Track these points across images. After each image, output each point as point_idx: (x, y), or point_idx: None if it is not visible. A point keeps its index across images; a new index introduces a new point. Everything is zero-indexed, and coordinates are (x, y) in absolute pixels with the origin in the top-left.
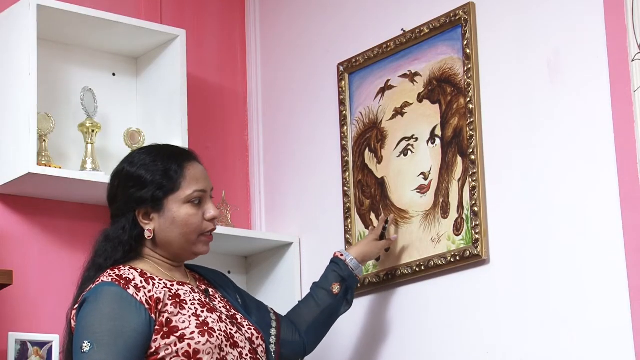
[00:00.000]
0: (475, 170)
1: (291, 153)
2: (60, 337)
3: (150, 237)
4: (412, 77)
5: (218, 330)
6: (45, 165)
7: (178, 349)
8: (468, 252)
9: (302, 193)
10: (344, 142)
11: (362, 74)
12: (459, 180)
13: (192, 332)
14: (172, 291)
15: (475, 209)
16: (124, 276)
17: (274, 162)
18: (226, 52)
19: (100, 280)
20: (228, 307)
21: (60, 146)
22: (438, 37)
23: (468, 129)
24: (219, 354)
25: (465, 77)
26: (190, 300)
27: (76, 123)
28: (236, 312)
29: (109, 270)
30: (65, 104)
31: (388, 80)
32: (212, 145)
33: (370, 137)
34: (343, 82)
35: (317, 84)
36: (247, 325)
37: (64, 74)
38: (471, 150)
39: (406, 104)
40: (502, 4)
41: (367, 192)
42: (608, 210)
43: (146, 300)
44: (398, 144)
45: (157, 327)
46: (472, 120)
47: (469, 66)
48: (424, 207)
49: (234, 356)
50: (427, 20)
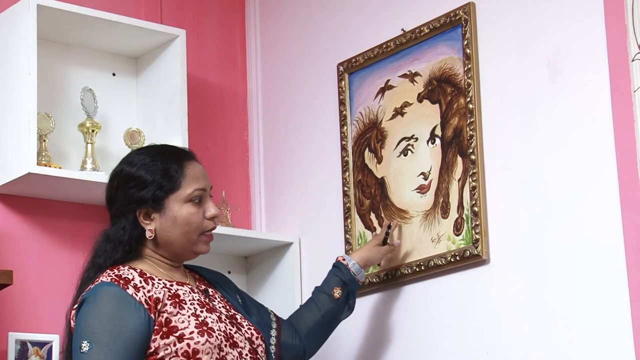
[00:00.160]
0: (475, 170)
1: (291, 153)
2: (60, 337)
3: (151, 237)
4: (412, 77)
5: (217, 330)
6: (45, 165)
7: (177, 348)
8: (468, 252)
9: (302, 193)
10: (344, 142)
11: (362, 74)
12: (459, 180)
13: (192, 332)
14: (172, 291)
15: (475, 209)
16: (123, 276)
17: (274, 162)
18: (226, 52)
19: (100, 281)
20: (228, 307)
21: (60, 146)
22: (438, 37)
23: (468, 129)
24: (219, 354)
25: (465, 77)
26: (190, 300)
27: (76, 123)
28: (236, 312)
29: (108, 270)
30: (65, 104)
31: (388, 80)
32: (212, 145)
33: (370, 137)
34: (343, 82)
35: (317, 84)
36: (246, 325)
37: (64, 74)
38: (471, 150)
39: (406, 104)
40: (502, 4)
41: (367, 192)
42: (608, 210)
43: (145, 300)
44: (398, 144)
45: (156, 327)
46: (472, 120)
47: (469, 66)
48: (424, 207)
49: (234, 356)
50: (427, 20)
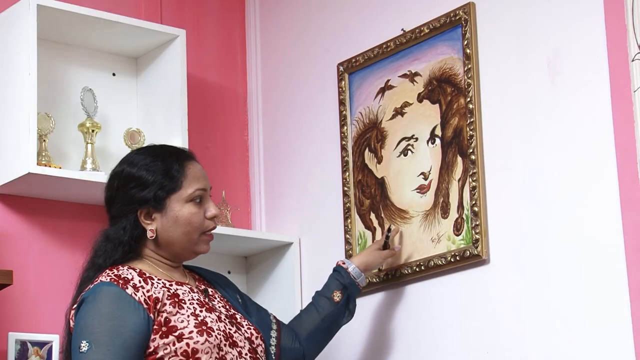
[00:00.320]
0: (475, 170)
1: (291, 153)
2: (60, 337)
3: (152, 237)
4: (412, 77)
5: (217, 329)
6: (45, 165)
7: (177, 348)
8: (468, 252)
9: (302, 193)
10: (344, 142)
11: (362, 74)
12: (459, 180)
13: (191, 332)
14: (171, 291)
15: (475, 209)
16: (123, 276)
17: (274, 162)
18: (226, 52)
19: (99, 280)
20: (227, 306)
21: (60, 146)
22: (438, 37)
23: (468, 129)
24: (218, 353)
25: (465, 77)
26: (189, 299)
27: (76, 123)
28: (235, 312)
29: (108, 270)
30: (65, 104)
31: (388, 80)
32: (212, 145)
33: (370, 137)
34: (343, 82)
35: (317, 84)
36: (246, 325)
37: (64, 74)
38: (471, 150)
39: (406, 104)
40: (502, 4)
41: (367, 192)
42: (608, 210)
43: (145, 299)
44: (398, 144)
45: (155, 327)
46: (472, 120)
47: (469, 66)
48: (424, 207)
49: (233, 355)
50: (427, 20)
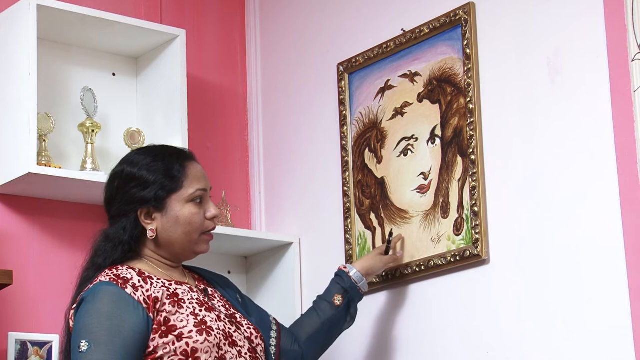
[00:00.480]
0: (475, 170)
1: (291, 153)
2: (60, 337)
3: (152, 237)
4: (412, 77)
5: (216, 329)
6: (45, 165)
7: (176, 347)
8: (468, 252)
9: (302, 193)
10: (344, 142)
11: (362, 74)
12: (459, 180)
13: (190, 331)
14: (171, 290)
15: (475, 209)
16: (122, 276)
17: (274, 163)
18: (226, 52)
19: (98, 280)
20: (227, 306)
21: (60, 146)
22: (438, 37)
23: (468, 129)
24: (217, 353)
25: (465, 77)
26: (189, 299)
27: (76, 123)
28: (235, 312)
29: (107, 270)
30: (65, 104)
31: (388, 80)
32: (212, 145)
33: (370, 137)
34: (343, 82)
35: (317, 84)
36: (246, 324)
37: (64, 74)
38: (471, 150)
39: (406, 104)
40: (502, 4)
41: (367, 192)
42: (608, 210)
43: (144, 299)
44: (398, 144)
45: (155, 326)
46: (472, 120)
47: (469, 66)
48: (424, 207)
49: (233, 355)
50: (427, 20)
